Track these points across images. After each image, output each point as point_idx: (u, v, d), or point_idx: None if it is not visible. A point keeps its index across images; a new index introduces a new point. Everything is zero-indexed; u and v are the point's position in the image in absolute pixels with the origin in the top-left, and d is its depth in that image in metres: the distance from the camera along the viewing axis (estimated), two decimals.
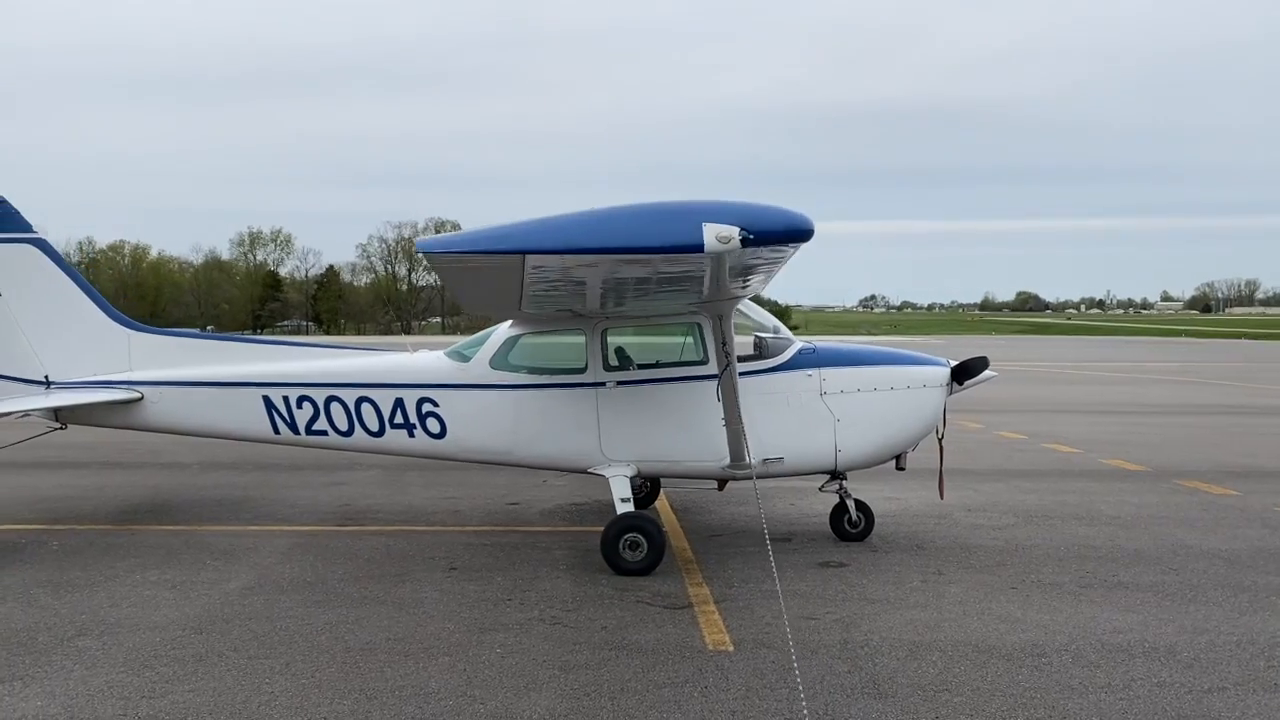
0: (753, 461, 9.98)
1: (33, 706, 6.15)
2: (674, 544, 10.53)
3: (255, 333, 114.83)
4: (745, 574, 9.39)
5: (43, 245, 10.91)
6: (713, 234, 4.31)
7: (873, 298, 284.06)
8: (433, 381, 10.30)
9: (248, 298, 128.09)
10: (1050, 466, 16.48)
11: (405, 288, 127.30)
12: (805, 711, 5.99)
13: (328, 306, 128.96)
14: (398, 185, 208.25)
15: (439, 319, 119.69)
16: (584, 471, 10.28)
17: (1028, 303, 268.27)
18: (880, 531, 11.11)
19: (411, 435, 10.31)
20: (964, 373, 10.49)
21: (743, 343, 10.57)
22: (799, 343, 10.45)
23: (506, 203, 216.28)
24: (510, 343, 10.30)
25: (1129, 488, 14.38)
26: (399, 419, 10.29)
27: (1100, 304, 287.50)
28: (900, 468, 10.69)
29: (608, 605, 8.36)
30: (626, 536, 9.28)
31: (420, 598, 8.53)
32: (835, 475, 10.61)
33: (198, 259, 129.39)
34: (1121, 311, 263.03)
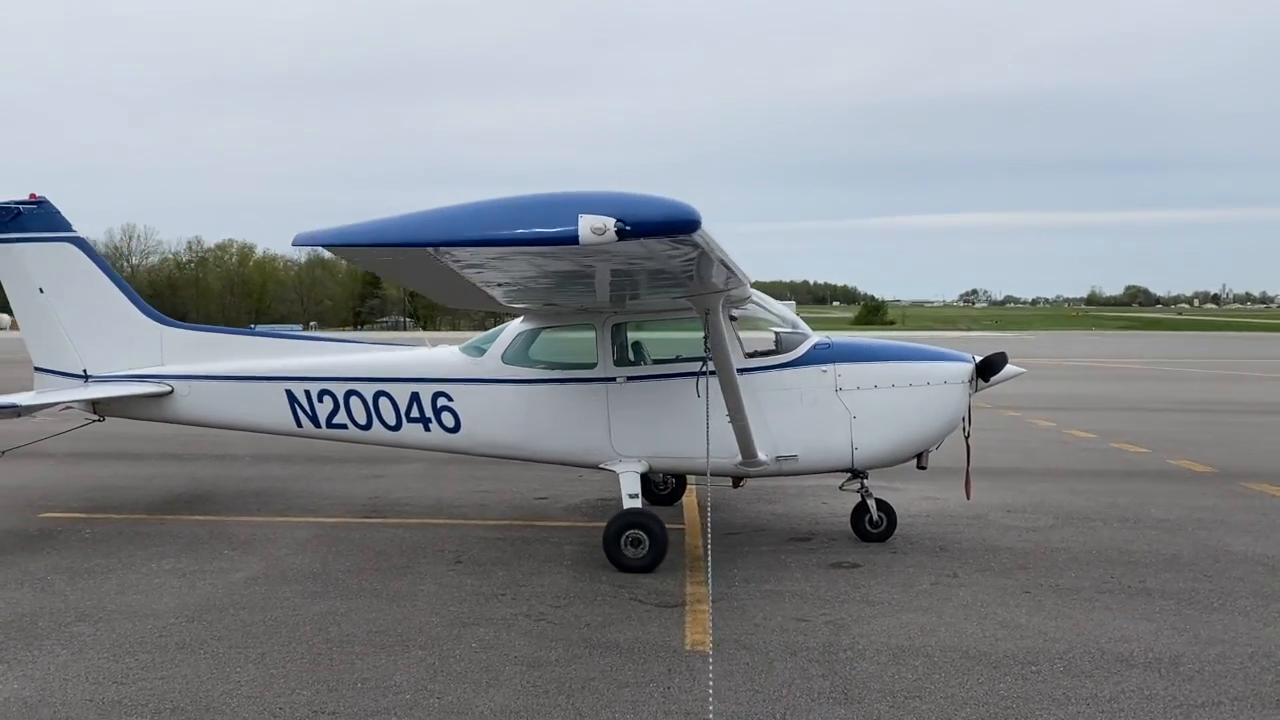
0: (766, 459, 9.89)
1: (9, 689, 6.36)
2: (688, 540, 10.44)
3: (355, 329, 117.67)
4: (750, 573, 9.23)
5: (80, 244, 11.29)
6: (588, 225, 4.20)
7: (974, 292, 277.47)
8: (447, 376, 10.38)
9: (348, 295, 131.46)
10: (1111, 467, 15.89)
11: None
12: (711, 714, 5.89)
13: (425, 302, 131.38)
14: (497, 183, 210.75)
15: None
16: (596, 467, 10.24)
17: (1137, 297, 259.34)
18: (906, 532, 10.85)
19: (427, 429, 10.41)
20: (987, 369, 10.15)
21: (763, 339, 10.49)
22: (815, 337, 10.24)
23: None
24: (522, 337, 10.33)
25: (1189, 490, 13.78)
26: (415, 413, 10.39)
27: (1215, 298, 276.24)
28: (922, 467, 10.40)
29: (599, 602, 8.31)
30: (628, 533, 9.21)
31: (416, 591, 8.59)
32: (856, 474, 10.39)
33: (301, 256, 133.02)
34: (1239, 306, 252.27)
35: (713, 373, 8.83)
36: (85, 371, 11.20)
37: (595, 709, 6.14)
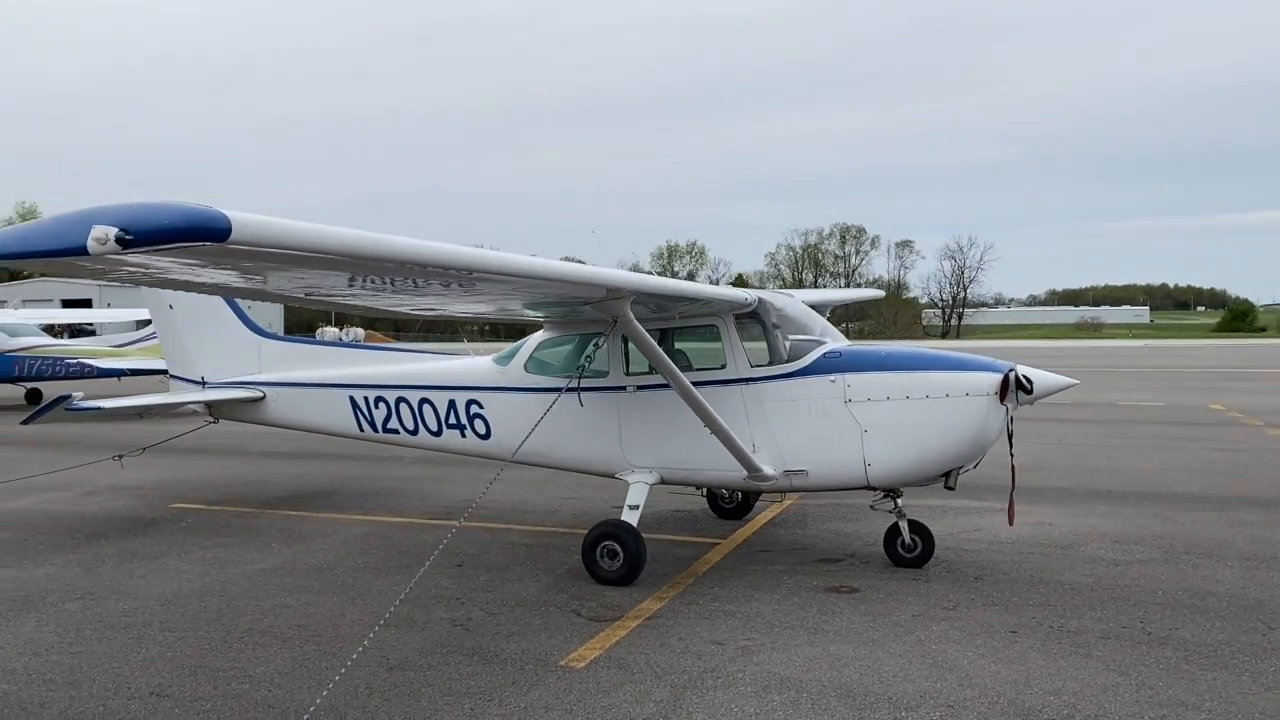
0: (773, 473, 9.45)
1: None
2: (707, 557, 10.11)
3: None
4: (728, 592, 8.84)
5: None
6: (94, 236, 4.25)
7: None
8: (479, 384, 10.71)
9: None
10: None
11: None
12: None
13: None
14: (807, 194, 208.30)
15: (847, 325, 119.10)
16: (612, 476, 10.18)
17: None
18: (960, 558, 10.02)
19: (463, 435, 10.79)
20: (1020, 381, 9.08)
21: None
22: (828, 344, 9.62)
23: (915, 203, 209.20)
24: (542, 346, 10.47)
25: None
26: (453, 420, 10.81)
27: None
28: (949, 487, 9.44)
29: (535, 611, 8.30)
30: (603, 544, 9.13)
31: (385, 590, 8.94)
32: (889, 493, 9.66)
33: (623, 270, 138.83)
34: None
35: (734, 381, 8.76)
36: (203, 378, 12.54)
37: (393, 714, 6.20)
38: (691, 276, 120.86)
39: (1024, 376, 9.18)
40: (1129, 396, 29.03)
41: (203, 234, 4.17)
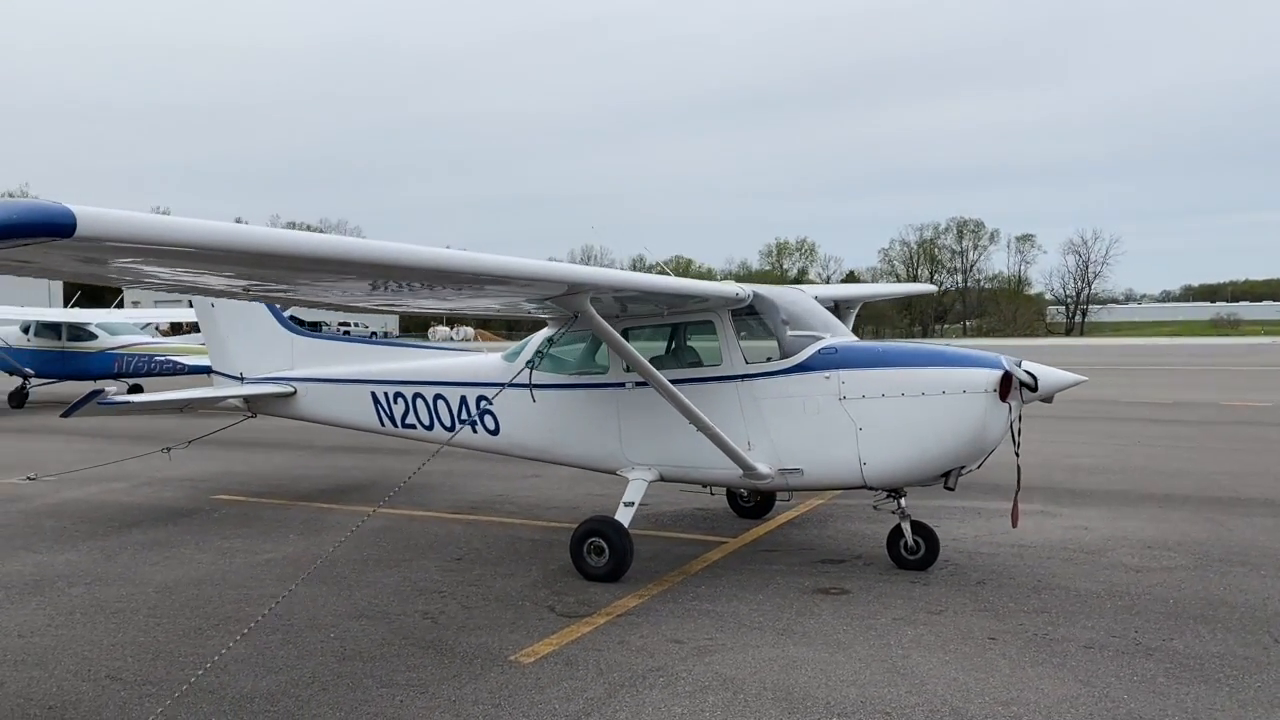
0: (768, 471, 9.30)
1: None
2: (707, 555, 9.98)
3: None
4: (712, 591, 8.72)
5: None
6: None
7: None
8: (488, 380, 10.78)
9: None
10: None
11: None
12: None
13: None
14: (924, 188, 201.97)
15: (962, 323, 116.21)
16: (614, 473, 10.15)
17: None
18: (968, 560, 9.69)
19: (475, 431, 10.88)
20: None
21: (769, 346, 9.86)
22: (824, 340, 9.37)
23: (1038, 196, 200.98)
24: (545, 343, 10.47)
25: None
26: (464, 415, 10.92)
27: None
28: (949, 487, 9.11)
29: (511, 606, 8.32)
30: (589, 541, 9.11)
31: (372, 582, 9.09)
32: (892, 493, 9.39)
33: (731, 268, 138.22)
34: None
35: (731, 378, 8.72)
36: (241, 374, 12.94)
37: (324, 703, 6.28)
38: (802, 273, 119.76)
39: (1027, 373, 8.85)
40: (1237, 396, 27.65)
41: (46, 229, 4.29)
